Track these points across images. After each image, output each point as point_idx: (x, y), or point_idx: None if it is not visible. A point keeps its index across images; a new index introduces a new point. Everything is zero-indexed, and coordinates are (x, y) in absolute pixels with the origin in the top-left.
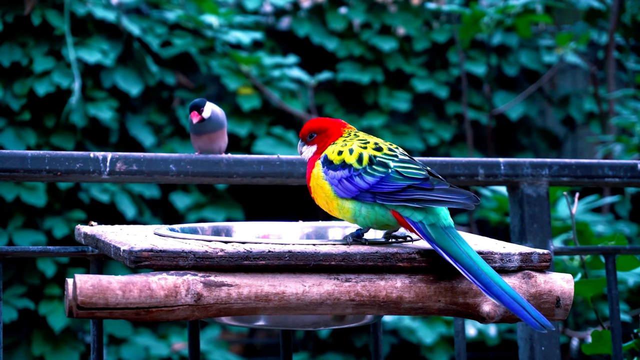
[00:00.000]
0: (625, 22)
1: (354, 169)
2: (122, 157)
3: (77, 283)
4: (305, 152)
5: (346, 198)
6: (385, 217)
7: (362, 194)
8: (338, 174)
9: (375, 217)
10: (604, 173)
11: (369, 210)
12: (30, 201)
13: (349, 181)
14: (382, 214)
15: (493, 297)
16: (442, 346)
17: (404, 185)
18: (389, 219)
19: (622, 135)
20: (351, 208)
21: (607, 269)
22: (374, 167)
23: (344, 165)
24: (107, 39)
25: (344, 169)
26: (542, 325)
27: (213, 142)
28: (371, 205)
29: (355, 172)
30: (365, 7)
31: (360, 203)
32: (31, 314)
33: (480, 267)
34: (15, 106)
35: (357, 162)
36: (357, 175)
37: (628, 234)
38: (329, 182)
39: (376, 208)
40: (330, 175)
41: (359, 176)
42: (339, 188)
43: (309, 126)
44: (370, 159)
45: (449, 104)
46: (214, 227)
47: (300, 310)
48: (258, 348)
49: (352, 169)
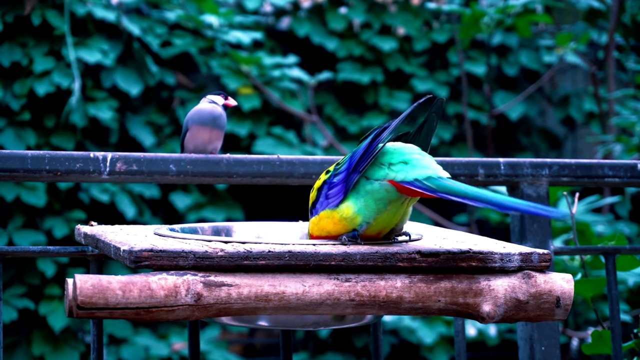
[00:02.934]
0: (625, 22)
1: (327, 179)
2: (122, 157)
3: (77, 283)
4: None
5: (341, 201)
6: (381, 191)
7: (348, 182)
8: (322, 197)
9: (373, 198)
10: (604, 173)
11: (366, 198)
12: (30, 201)
13: (331, 187)
14: (377, 189)
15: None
16: (442, 346)
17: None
18: (387, 191)
19: (622, 135)
20: (350, 205)
21: (607, 269)
22: (341, 162)
23: (320, 188)
24: (107, 39)
25: (323, 189)
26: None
27: (218, 140)
28: (364, 190)
29: (330, 179)
30: (365, 7)
31: (355, 196)
32: (31, 314)
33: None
34: (15, 106)
35: (325, 175)
36: (333, 177)
37: (628, 234)
38: (322, 209)
39: (368, 187)
40: (319, 207)
41: (334, 176)
42: (330, 201)
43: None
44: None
45: (449, 104)
46: (214, 227)
47: (300, 310)
48: (258, 348)
49: (326, 180)
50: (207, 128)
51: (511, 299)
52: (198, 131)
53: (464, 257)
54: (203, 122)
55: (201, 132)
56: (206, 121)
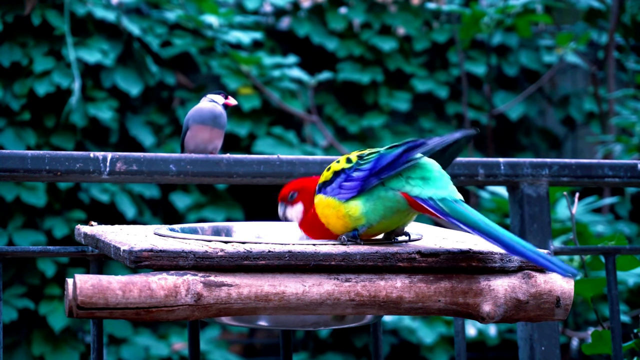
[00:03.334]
0: (625, 22)
1: (347, 169)
2: (122, 157)
3: (77, 283)
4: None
5: (351, 198)
6: (393, 200)
7: (366, 183)
8: (335, 183)
9: (383, 205)
10: (604, 173)
11: (375, 202)
12: (30, 201)
13: (348, 180)
14: (390, 197)
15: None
16: (442, 346)
17: (399, 152)
18: (398, 201)
19: (622, 135)
20: (358, 205)
21: (607, 269)
22: (366, 158)
23: (337, 173)
24: (107, 39)
25: (339, 176)
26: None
27: (218, 139)
28: (377, 195)
29: (349, 170)
30: (365, 7)
31: (366, 197)
32: (31, 314)
33: (498, 231)
34: (15, 106)
35: (347, 163)
36: (354, 171)
37: (628, 234)
38: (331, 195)
39: (382, 194)
40: (329, 190)
41: (355, 171)
42: (341, 193)
43: (288, 187)
44: (359, 156)
45: (449, 104)
46: (214, 227)
47: (300, 310)
48: (258, 348)
49: (346, 169)
50: (207, 127)
51: (511, 299)
52: (198, 130)
53: (464, 257)
54: (203, 121)
55: (201, 131)
56: (206, 120)
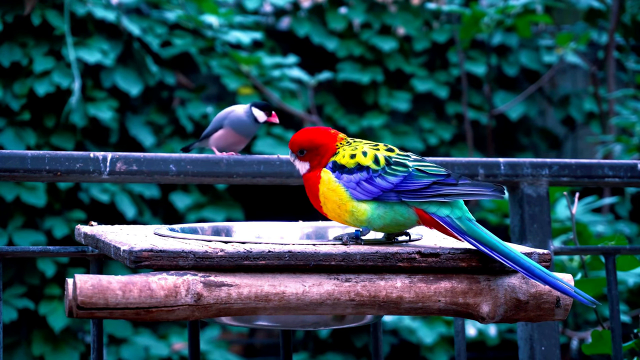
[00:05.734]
0: (625, 22)
1: (372, 170)
2: (122, 157)
3: (77, 283)
4: (296, 164)
5: (363, 200)
6: (404, 215)
7: (384, 194)
8: (354, 177)
9: (393, 216)
10: (604, 173)
11: (386, 211)
12: (30, 201)
13: (369, 182)
14: (402, 212)
15: (537, 279)
16: (442, 346)
17: (429, 182)
18: (409, 217)
19: (622, 135)
20: (367, 209)
21: (607, 269)
22: (393, 168)
23: (360, 167)
24: (107, 39)
25: (361, 172)
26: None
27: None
28: (391, 205)
29: (374, 174)
30: (365, 7)
31: (378, 203)
32: (31, 314)
33: (516, 253)
34: (15, 106)
35: (374, 164)
36: (378, 176)
37: (628, 234)
38: (344, 185)
39: (396, 207)
40: (345, 179)
41: (379, 177)
42: (357, 190)
43: (298, 141)
44: (387, 160)
45: (449, 104)
46: (214, 227)
47: (300, 310)
48: (258, 348)
49: (371, 170)
50: (240, 137)
51: (511, 299)
52: (231, 135)
53: (464, 257)
54: (239, 130)
55: (233, 137)
56: (242, 131)
